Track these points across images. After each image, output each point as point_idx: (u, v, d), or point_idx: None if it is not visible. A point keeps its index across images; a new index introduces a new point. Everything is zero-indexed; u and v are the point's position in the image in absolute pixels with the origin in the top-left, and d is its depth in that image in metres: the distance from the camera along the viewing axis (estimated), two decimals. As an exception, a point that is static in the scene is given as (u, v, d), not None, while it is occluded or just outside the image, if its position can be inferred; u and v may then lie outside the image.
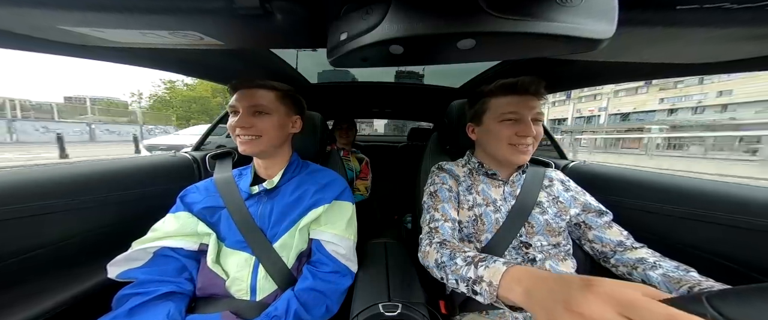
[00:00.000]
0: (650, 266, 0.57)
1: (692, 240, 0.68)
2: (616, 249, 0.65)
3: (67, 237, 0.69)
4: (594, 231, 0.68)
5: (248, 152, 0.68)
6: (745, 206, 0.61)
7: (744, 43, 0.47)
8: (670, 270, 0.54)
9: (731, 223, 0.62)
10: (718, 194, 0.66)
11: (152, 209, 0.74)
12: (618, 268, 0.63)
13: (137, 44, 0.52)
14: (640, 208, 0.78)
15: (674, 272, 0.53)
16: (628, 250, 0.64)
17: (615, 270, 0.64)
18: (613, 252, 0.65)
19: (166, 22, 0.41)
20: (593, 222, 0.68)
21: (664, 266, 0.55)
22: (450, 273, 0.51)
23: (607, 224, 0.68)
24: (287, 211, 0.69)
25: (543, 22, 0.30)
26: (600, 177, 0.92)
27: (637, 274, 0.58)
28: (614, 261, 0.64)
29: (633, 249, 0.64)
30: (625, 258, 0.62)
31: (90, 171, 0.76)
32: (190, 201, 0.72)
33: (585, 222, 0.69)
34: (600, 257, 0.68)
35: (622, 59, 0.60)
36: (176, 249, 0.65)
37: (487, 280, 0.43)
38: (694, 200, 0.69)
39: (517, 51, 0.38)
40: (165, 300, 0.59)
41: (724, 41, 0.46)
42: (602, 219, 0.68)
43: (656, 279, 0.54)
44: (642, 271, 0.57)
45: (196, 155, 1.03)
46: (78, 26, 0.43)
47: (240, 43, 0.58)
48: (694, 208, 0.68)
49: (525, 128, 0.63)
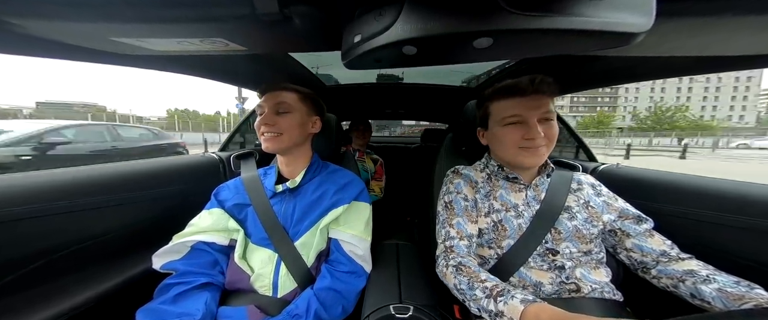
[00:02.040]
0: (702, 279, 0.51)
1: (752, 253, 0.60)
2: (660, 259, 0.59)
3: (110, 231, 0.75)
4: (633, 239, 0.62)
5: (271, 150, 0.71)
6: None
7: None
8: (728, 285, 0.48)
9: None
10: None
11: (185, 205, 0.79)
12: (660, 280, 0.57)
13: (172, 52, 0.57)
14: (682, 215, 0.71)
15: (733, 287, 0.47)
16: (673, 261, 0.58)
17: (656, 281, 0.58)
18: (656, 263, 0.59)
19: (198, 30, 0.44)
20: (631, 230, 0.63)
21: (719, 280, 0.49)
22: (470, 300, 0.51)
23: (647, 233, 0.62)
24: (309, 210, 0.71)
25: (570, 17, 0.28)
26: (636, 181, 0.85)
27: (685, 288, 0.52)
28: (656, 271, 0.58)
29: (679, 260, 0.57)
30: (671, 269, 0.56)
31: (131, 170, 0.83)
32: (223, 198, 0.76)
33: (622, 230, 0.64)
34: (638, 267, 0.62)
35: (656, 54, 0.55)
36: (210, 243, 0.69)
37: (508, 316, 0.44)
38: (752, 208, 0.61)
39: (538, 49, 0.36)
40: (202, 290, 0.63)
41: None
42: (642, 227, 0.63)
43: (710, 294, 0.48)
44: (692, 285, 0.51)
45: (222, 156, 1.09)
46: (126, 37, 0.48)
47: (262, 48, 0.60)
48: (753, 217, 0.60)
49: (531, 131, 0.59)
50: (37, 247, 0.62)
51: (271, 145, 0.71)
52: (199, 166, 1.02)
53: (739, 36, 0.45)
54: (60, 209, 0.64)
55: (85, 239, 0.70)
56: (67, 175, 0.70)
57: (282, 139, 0.70)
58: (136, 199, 0.80)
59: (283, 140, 0.70)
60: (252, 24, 0.42)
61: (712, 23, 0.40)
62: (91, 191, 0.71)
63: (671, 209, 0.73)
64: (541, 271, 0.61)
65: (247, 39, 0.50)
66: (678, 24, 0.39)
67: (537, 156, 0.62)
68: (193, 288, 0.62)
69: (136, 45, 0.52)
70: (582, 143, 1.21)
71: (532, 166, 0.66)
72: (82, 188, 0.70)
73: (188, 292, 0.61)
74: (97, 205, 0.71)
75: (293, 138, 0.72)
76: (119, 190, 0.76)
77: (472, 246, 0.63)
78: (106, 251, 0.75)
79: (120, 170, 0.81)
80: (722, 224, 0.65)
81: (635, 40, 0.30)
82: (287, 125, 0.70)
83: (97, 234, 0.72)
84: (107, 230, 0.74)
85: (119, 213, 0.77)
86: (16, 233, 0.58)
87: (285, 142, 0.71)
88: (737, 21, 0.39)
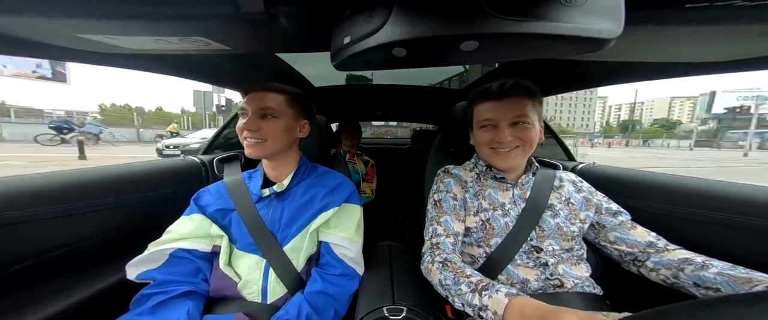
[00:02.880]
0: (700, 266, 0.51)
1: (722, 248, 0.64)
2: (647, 250, 0.60)
3: (84, 239, 0.70)
4: (614, 232, 0.65)
5: (254, 156, 0.69)
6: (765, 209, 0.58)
7: (754, 42, 0.46)
8: (726, 268, 0.48)
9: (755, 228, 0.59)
10: (746, 198, 0.63)
11: (164, 211, 0.75)
12: (658, 272, 0.57)
13: (148, 51, 0.54)
14: (657, 212, 0.75)
15: (733, 270, 0.48)
16: (665, 252, 0.59)
17: (653, 274, 0.58)
18: (646, 255, 0.61)
19: (176, 28, 0.42)
20: (609, 222, 0.66)
21: (715, 264, 0.50)
22: (455, 296, 0.52)
23: (628, 224, 0.65)
24: (297, 214, 0.69)
25: (547, 22, 0.29)
26: (612, 180, 0.90)
27: (686, 276, 0.52)
28: (652, 264, 0.58)
29: (668, 251, 0.58)
30: (667, 259, 0.56)
31: (103, 175, 0.78)
32: (204, 203, 0.73)
33: (599, 223, 0.67)
34: (629, 260, 0.63)
35: (628, 59, 0.59)
36: (191, 250, 0.66)
37: (492, 310, 0.45)
38: (710, 202, 0.66)
39: (521, 52, 0.38)
40: (184, 299, 0.60)
41: (733, 39, 0.45)
42: (618, 219, 0.66)
43: (714, 280, 0.48)
44: (692, 272, 0.51)
45: (204, 159, 1.05)
46: (95, 34, 0.45)
47: (246, 48, 0.59)
48: (722, 213, 0.64)
49: (499, 135, 0.62)
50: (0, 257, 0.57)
51: (255, 151, 0.68)
52: (178, 170, 0.97)
53: (698, 45, 0.49)
54: (24, 217, 0.60)
55: (51, 249, 0.65)
56: (32, 181, 0.65)
57: (266, 146, 0.68)
58: (109, 205, 0.75)
59: (268, 146, 0.68)
60: (236, 23, 0.41)
61: (674, 33, 0.43)
62: (58, 198, 0.66)
63: (641, 205, 0.77)
64: (528, 268, 0.63)
65: (231, 39, 0.49)
66: (644, 32, 0.42)
67: (508, 159, 0.64)
68: (173, 298, 0.59)
69: (107, 43, 0.49)
70: (562, 144, 1.27)
71: (505, 168, 0.68)
72: (49, 194, 0.65)
73: (168, 302, 0.58)
74: (65, 212, 0.67)
75: (278, 145, 0.69)
76: (90, 196, 0.72)
77: (457, 244, 0.65)
78: (76, 261, 0.70)
79: (91, 175, 0.76)
80: (688, 219, 0.69)
81: (607, 45, 0.32)
82: (272, 131, 0.67)
83: (65, 243, 0.67)
84: (78, 238, 0.69)
85: (91, 221, 0.72)
86: None
87: (269, 148, 0.68)
88: (696, 31, 0.42)
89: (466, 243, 0.70)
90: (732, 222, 0.62)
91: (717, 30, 0.41)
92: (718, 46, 0.49)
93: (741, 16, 0.36)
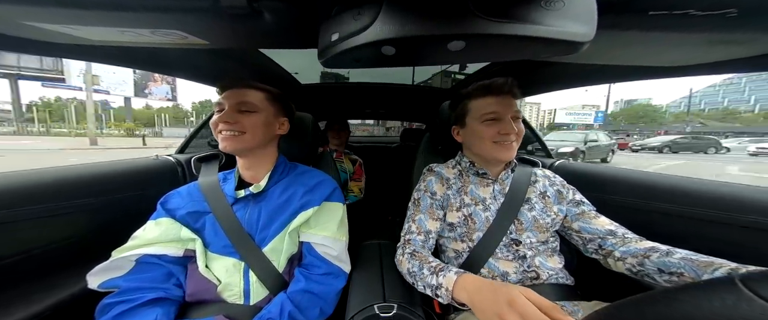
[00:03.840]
0: (665, 253, 0.54)
1: (673, 235, 0.70)
2: (607, 237, 0.63)
3: (43, 246, 0.65)
4: (578, 222, 0.69)
5: (230, 149, 0.66)
6: (715, 202, 0.65)
7: (709, 48, 0.50)
8: (690, 255, 0.51)
9: (705, 218, 0.65)
10: (693, 190, 0.70)
11: (133, 215, 0.71)
12: (625, 261, 0.59)
13: (115, 43, 0.50)
14: (621, 204, 0.81)
15: (696, 256, 0.50)
16: (630, 241, 0.61)
17: (619, 264, 0.60)
18: (609, 243, 0.63)
19: (147, 20, 0.40)
20: (572, 212, 0.71)
21: (680, 251, 0.53)
22: (419, 280, 0.59)
23: (591, 214, 0.69)
24: (276, 215, 0.67)
25: (529, 24, 0.31)
26: (583, 175, 0.96)
27: (651, 263, 0.54)
28: (619, 253, 0.60)
29: (631, 240, 0.61)
30: (634, 248, 0.59)
31: (65, 176, 0.72)
32: (172, 207, 0.69)
33: (566, 214, 0.71)
34: (592, 249, 0.66)
35: (599, 62, 0.63)
36: (160, 255, 0.62)
37: (445, 286, 0.53)
38: (672, 196, 0.72)
39: (505, 53, 0.39)
40: (152, 306, 0.57)
41: (691, 46, 0.49)
42: (579, 208, 0.70)
43: (678, 264, 0.50)
44: (657, 258, 0.53)
45: (181, 158, 0.99)
46: (45, 22, 0.41)
47: (226, 43, 0.56)
48: (672, 204, 0.71)
49: (506, 126, 0.65)
50: None
51: (231, 144, 0.65)
52: (150, 170, 0.92)
53: (662, 50, 0.53)
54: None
55: (4, 257, 0.59)
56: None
57: (244, 138, 0.65)
58: (77, 208, 0.70)
59: (245, 139, 0.65)
60: (215, 17, 0.39)
61: (640, 38, 0.46)
62: (17, 201, 0.61)
63: (611, 200, 0.83)
64: (507, 261, 0.66)
65: (210, 33, 0.46)
66: (614, 37, 0.45)
67: (510, 150, 0.67)
68: (138, 306, 0.55)
69: (63, 33, 0.45)
70: (541, 141, 1.33)
71: (506, 159, 0.70)
72: (7, 196, 0.59)
73: (133, 310, 0.55)
74: (23, 216, 0.61)
75: (257, 138, 0.67)
76: (56, 198, 0.66)
77: (427, 241, 0.69)
78: (37, 268, 0.64)
79: (57, 175, 0.70)
80: (651, 211, 0.75)
81: (582, 48, 0.34)
82: (251, 124, 0.65)
83: (20, 251, 0.62)
84: (39, 245, 0.64)
85: (55, 224, 0.67)
86: None
87: (247, 141, 0.66)
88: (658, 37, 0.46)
89: (450, 239, 0.72)
90: (686, 213, 0.69)
91: (677, 36, 0.44)
92: (678, 52, 0.53)
93: (696, 25, 0.40)
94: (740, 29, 0.41)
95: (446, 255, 0.73)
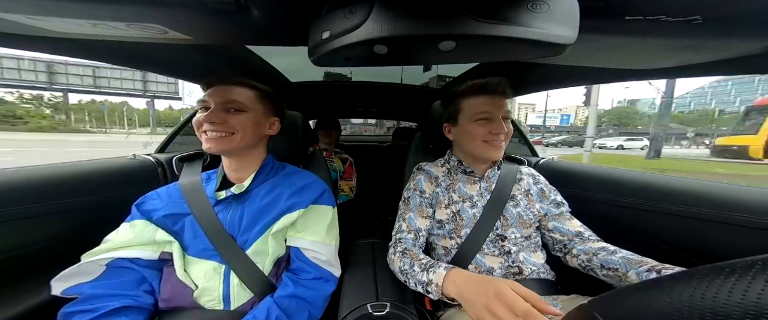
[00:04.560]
0: (611, 252, 0.60)
1: (643, 228, 0.76)
2: (574, 239, 0.68)
3: (5, 250, 0.61)
4: (553, 221, 0.72)
5: (216, 151, 0.63)
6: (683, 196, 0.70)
7: (680, 52, 0.53)
8: (628, 255, 0.58)
9: (677, 213, 0.70)
10: (663, 187, 0.75)
11: (109, 218, 0.67)
12: (578, 257, 0.65)
13: (86, 36, 0.47)
14: (602, 201, 0.85)
15: (633, 256, 0.57)
16: (588, 241, 0.67)
17: (575, 259, 0.66)
18: (572, 242, 0.69)
19: (122, 13, 0.37)
20: (549, 212, 0.73)
21: (624, 252, 0.60)
22: (410, 277, 0.59)
23: (566, 216, 0.73)
24: (258, 217, 0.65)
25: (517, 26, 0.31)
26: (566, 173, 0.99)
27: (597, 260, 0.61)
28: (576, 250, 0.66)
29: (590, 240, 0.67)
30: (588, 246, 0.65)
31: (35, 177, 0.67)
32: (149, 208, 0.66)
33: (545, 213, 0.74)
34: (558, 246, 0.71)
35: (583, 64, 0.65)
36: (133, 259, 0.59)
37: (435, 282, 0.54)
38: (643, 192, 0.77)
39: (493, 54, 0.40)
40: (117, 316, 0.53)
41: (664, 50, 0.52)
42: (558, 209, 0.73)
43: (617, 262, 0.57)
44: (603, 257, 0.60)
45: (161, 158, 0.95)
46: (5, 12, 0.38)
47: (211, 39, 0.54)
48: (643, 199, 0.76)
49: (497, 126, 0.66)
50: None
51: (216, 146, 0.62)
52: (128, 170, 0.87)
53: (638, 53, 0.56)
54: None
55: None
56: None
57: (232, 139, 0.62)
58: (48, 210, 0.66)
59: (234, 140, 0.63)
60: (199, 12, 0.37)
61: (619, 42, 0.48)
62: None
63: (592, 197, 0.87)
64: (493, 257, 0.68)
65: (193, 28, 0.45)
66: (595, 40, 0.46)
67: (499, 150, 0.69)
68: (102, 315, 0.52)
69: (26, 24, 0.42)
70: (526, 140, 1.36)
71: (495, 159, 0.71)
72: None
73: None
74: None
75: (245, 139, 0.64)
76: (25, 199, 0.62)
77: (418, 239, 0.70)
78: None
79: (28, 175, 0.66)
80: (632, 208, 0.79)
81: (565, 50, 0.35)
82: (241, 124, 0.63)
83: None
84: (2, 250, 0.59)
85: (24, 227, 0.62)
86: None
87: (235, 142, 0.63)
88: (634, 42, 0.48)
89: (439, 236, 0.73)
90: (660, 209, 0.73)
91: (651, 40, 0.47)
92: (652, 55, 0.56)
93: (668, 30, 0.42)
94: (705, 35, 0.43)
95: (436, 252, 0.74)
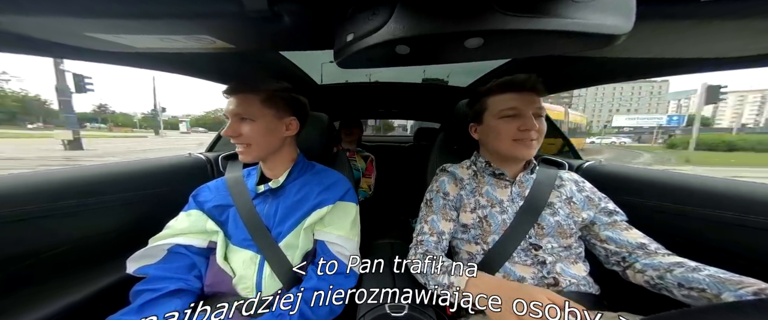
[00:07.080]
0: (692, 269, 0.51)
1: (724, 244, 0.63)
2: (636, 251, 0.59)
3: (89, 236, 0.72)
4: (606, 231, 0.64)
5: (244, 160, 0.70)
6: None
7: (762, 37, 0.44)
8: (719, 272, 0.48)
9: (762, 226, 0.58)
10: (748, 195, 0.62)
11: (169, 207, 0.76)
12: (644, 273, 0.56)
13: (153, 49, 0.54)
14: (661, 209, 0.74)
15: (725, 274, 0.47)
16: (655, 255, 0.58)
17: (638, 276, 0.57)
18: (634, 256, 0.60)
19: (181, 27, 0.43)
20: (600, 221, 0.66)
21: (710, 269, 0.50)
22: (430, 279, 0.58)
23: (622, 225, 0.64)
24: (291, 211, 0.70)
25: (554, 19, 0.29)
26: (616, 178, 0.88)
27: (672, 277, 0.51)
28: (641, 265, 0.57)
29: (658, 254, 0.58)
30: (657, 262, 0.56)
31: (109, 172, 0.79)
32: (202, 200, 0.74)
33: (595, 222, 0.66)
34: (615, 260, 0.63)
35: (641, 55, 0.58)
36: (187, 246, 0.67)
37: (456, 285, 0.53)
38: (723, 202, 0.64)
39: (527, 49, 0.37)
40: (172, 298, 0.61)
41: (748, 35, 0.44)
42: (611, 218, 0.65)
43: (703, 281, 0.47)
44: (681, 274, 0.50)
45: (210, 156, 1.06)
46: (102, 33, 0.46)
47: (250, 46, 0.59)
48: (721, 210, 0.63)
49: (527, 122, 0.62)
50: (7, 253, 0.59)
51: (243, 157, 0.68)
52: (184, 167, 0.99)
53: (709, 41, 0.48)
54: (32, 213, 0.61)
55: (59, 244, 0.66)
56: (38, 177, 0.66)
57: (251, 150, 0.68)
58: (117, 202, 0.77)
59: (252, 151, 0.68)
60: (240, 21, 0.41)
61: (684, 28, 0.42)
62: (65, 195, 0.67)
63: (649, 204, 0.76)
64: (525, 266, 0.63)
65: (235, 37, 0.49)
66: (653, 28, 0.41)
67: (531, 148, 0.64)
68: (162, 296, 0.60)
69: (114, 42, 0.49)
70: (568, 141, 1.25)
71: (525, 158, 0.67)
72: (56, 191, 0.66)
73: (156, 300, 0.59)
74: (73, 209, 0.68)
75: (263, 147, 0.69)
76: (98, 193, 0.73)
77: (441, 243, 0.68)
78: (84, 256, 0.71)
79: (99, 172, 0.77)
80: (703, 219, 0.67)
81: (616, 41, 0.32)
82: (252, 136, 0.66)
83: (73, 239, 0.69)
84: (85, 234, 0.71)
85: (98, 217, 0.73)
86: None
87: (255, 152, 0.68)
88: (707, 27, 0.41)
89: (464, 240, 0.70)
90: (733, 220, 0.61)
91: (732, 24, 0.40)
92: (733, 42, 0.48)
93: (755, 11, 0.35)
94: None
95: (460, 256, 0.72)
